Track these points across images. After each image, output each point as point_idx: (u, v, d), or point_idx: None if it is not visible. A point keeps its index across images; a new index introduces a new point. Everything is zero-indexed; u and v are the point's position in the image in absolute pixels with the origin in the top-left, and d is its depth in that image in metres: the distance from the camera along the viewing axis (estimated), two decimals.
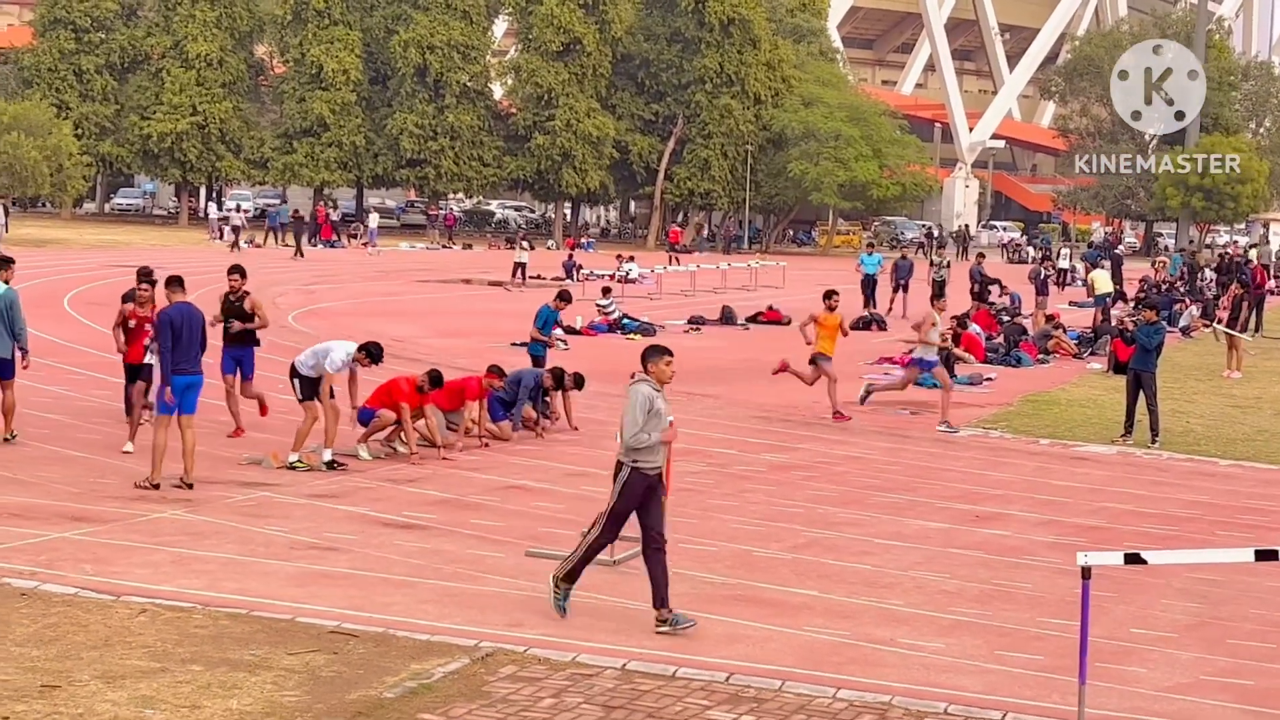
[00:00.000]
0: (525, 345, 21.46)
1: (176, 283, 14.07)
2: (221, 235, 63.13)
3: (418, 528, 12.60)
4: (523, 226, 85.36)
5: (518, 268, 45.62)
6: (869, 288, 37.80)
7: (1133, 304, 33.64)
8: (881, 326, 34.64)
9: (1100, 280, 37.70)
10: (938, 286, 36.62)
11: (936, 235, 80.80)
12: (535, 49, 76.47)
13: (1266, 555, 8.73)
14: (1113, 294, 37.03)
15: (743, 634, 9.80)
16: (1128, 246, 77.02)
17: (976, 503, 14.85)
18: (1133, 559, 8.55)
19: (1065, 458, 18.06)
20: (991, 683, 9.04)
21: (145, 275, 17.11)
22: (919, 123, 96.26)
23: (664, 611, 9.70)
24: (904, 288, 38.85)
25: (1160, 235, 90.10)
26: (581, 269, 48.62)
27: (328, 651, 9.01)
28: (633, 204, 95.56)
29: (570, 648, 9.24)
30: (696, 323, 34.16)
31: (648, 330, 31.66)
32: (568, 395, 18.20)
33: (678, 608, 9.81)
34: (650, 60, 78.96)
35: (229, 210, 66.74)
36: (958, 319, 27.72)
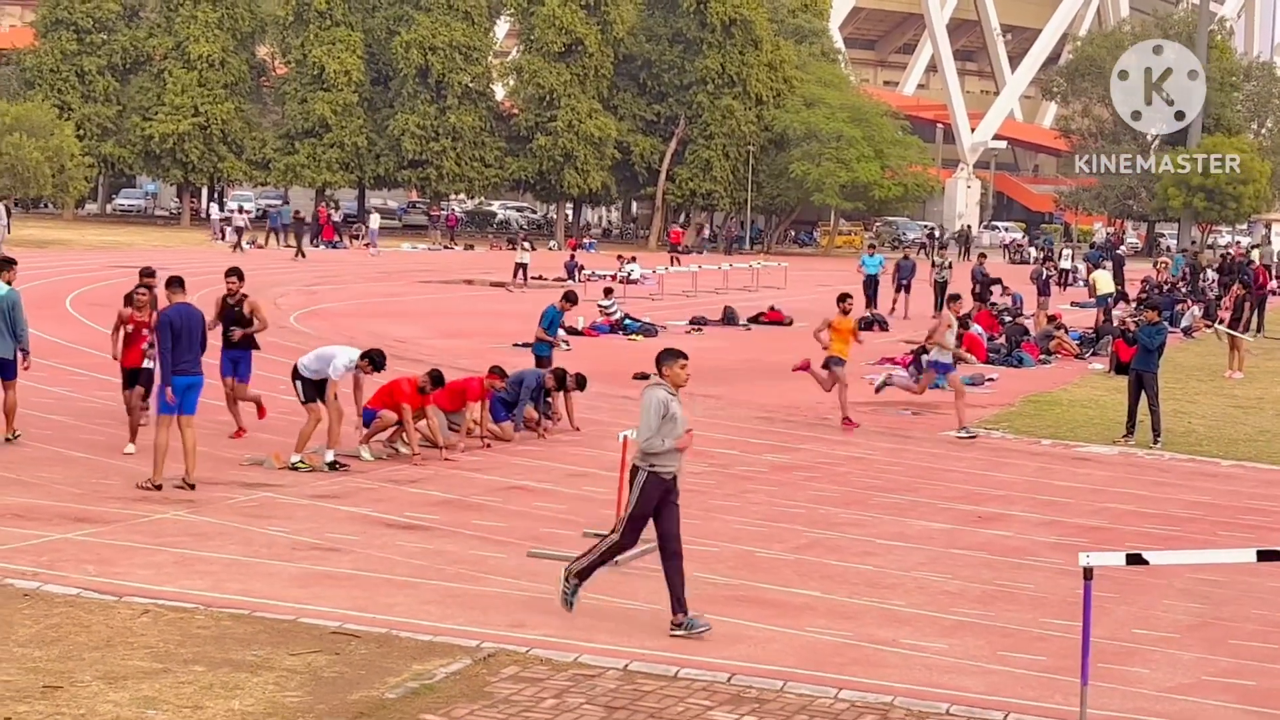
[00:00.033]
0: (528, 346, 21.49)
1: (177, 283, 14.10)
2: (223, 236, 63.17)
3: (420, 528, 12.60)
4: (524, 227, 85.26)
5: (519, 268, 45.61)
6: (871, 289, 37.96)
7: (1134, 304, 33.61)
8: (883, 327, 34.61)
9: (1102, 281, 37.73)
10: (940, 287, 36.74)
11: (938, 236, 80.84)
12: (537, 50, 76.48)
13: (1268, 556, 8.74)
14: (1114, 294, 37.00)
15: (745, 634, 9.80)
16: (1130, 247, 76.99)
17: (978, 503, 14.84)
18: (1135, 560, 8.54)
19: (1067, 458, 18.05)
20: (994, 683, 9.04)
21: (147, 274, 17.14)
22: (921, 123, 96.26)
23: (679, 616, 9.68)
24: (906, 288, 38.88)
25: (1162, 236, 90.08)
26: (583, 269, 48.65)
27: (330, 652, 9.01)
28: (634, 205, 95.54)
29: (572, 648, 9.24)
30: (698, 323, 34.16)
31: (649, 331, 31.66)
32: (569, 396, 18.21)
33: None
34: (652, 61, 78.98)
35: (231, 211, 66.72)
36: (960, 319, 27.69)
